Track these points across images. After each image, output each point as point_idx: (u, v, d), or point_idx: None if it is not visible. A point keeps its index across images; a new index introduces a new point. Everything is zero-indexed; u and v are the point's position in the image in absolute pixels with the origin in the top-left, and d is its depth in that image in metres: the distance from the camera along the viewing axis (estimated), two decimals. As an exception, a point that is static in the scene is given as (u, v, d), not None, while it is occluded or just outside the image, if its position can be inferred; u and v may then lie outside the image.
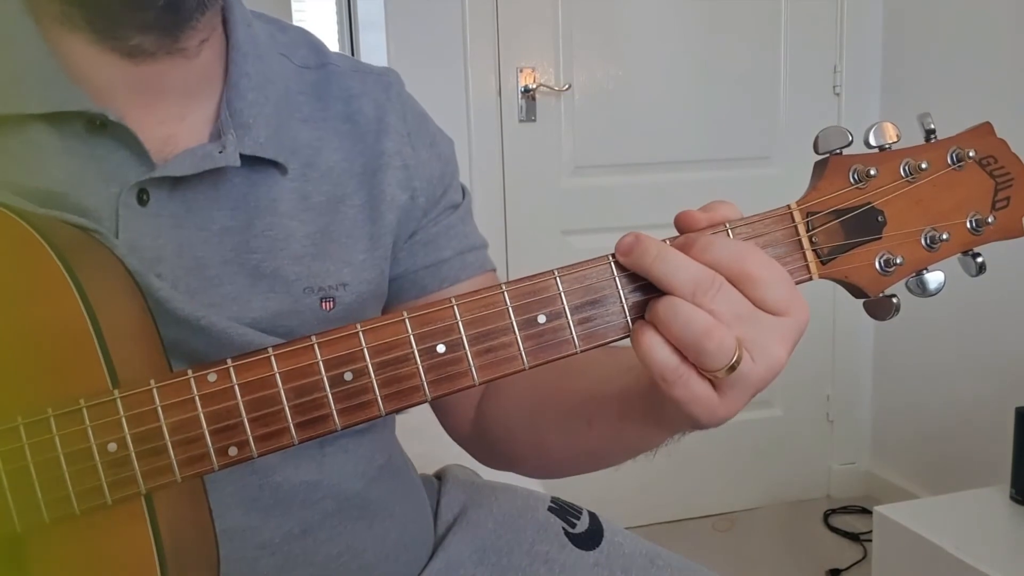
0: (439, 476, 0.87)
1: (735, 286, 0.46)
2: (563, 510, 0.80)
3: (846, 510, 2.41)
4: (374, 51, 2.02)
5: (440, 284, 0.72)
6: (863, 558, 2.15)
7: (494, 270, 0.77)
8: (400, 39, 2.05)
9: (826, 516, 2.38)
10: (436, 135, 0.75)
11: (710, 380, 0.46)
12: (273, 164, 0.63)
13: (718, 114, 2.29)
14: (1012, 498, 1.59)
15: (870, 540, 1.89)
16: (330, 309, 0.66)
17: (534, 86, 2.16)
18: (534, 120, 2.18)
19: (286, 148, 0.64)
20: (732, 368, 0.45)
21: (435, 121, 0.76)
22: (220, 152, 0.59)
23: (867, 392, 2.48)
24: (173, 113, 0.61)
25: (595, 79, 2.22)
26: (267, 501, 0.64)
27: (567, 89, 2.18)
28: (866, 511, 2.32)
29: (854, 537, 2.26)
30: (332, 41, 2.14)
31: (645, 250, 0.47)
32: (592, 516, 0.80)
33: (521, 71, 2.16)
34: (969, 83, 2.03)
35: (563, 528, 0.78)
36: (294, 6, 2.12)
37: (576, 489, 0.89)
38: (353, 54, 2.07)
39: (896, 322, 0.55)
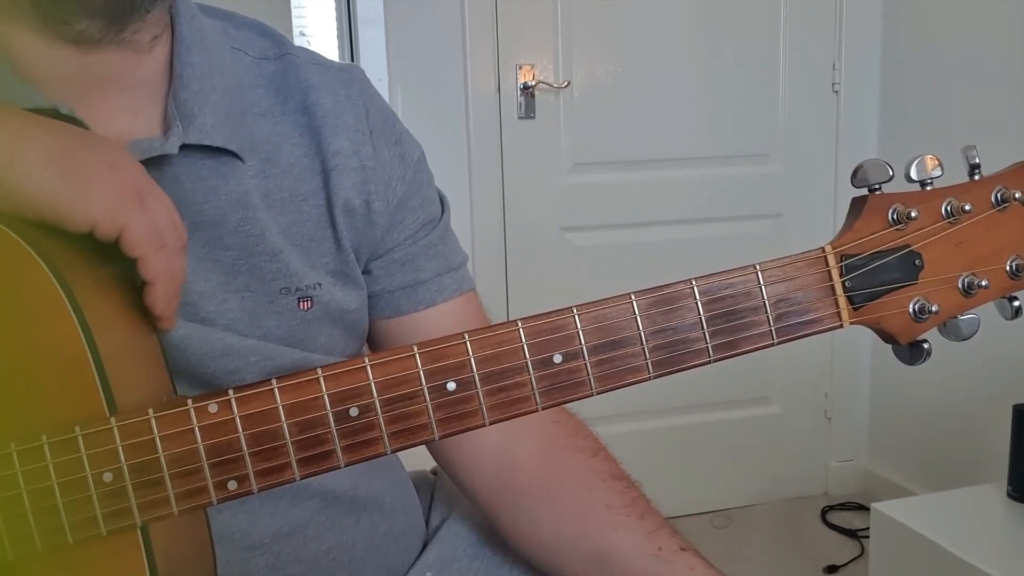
0: (435, 472, 0.87)
1: None
2: None
3: (844, 507, 2.41)
4: (373, 49, 2.01)
5: (416, 306, 0.70)
6: (860, 555, 2.15)
7: (473, 289, 0.75)
8: (399, 37, 2.04)
9: (824, 513, 2.38)
10: (403, 135, 0.72)
11: None
12: (235, 156, 0.61)
13: (717, 111, 2.27)
14: (1009, 495, 1.59)
15: (867, 537, 1.89)
16: (308, 309, 0.64)
17: (533, 83, 2.15)
18: (533, 117, 2.17)
19: (243, 141, 0.62)
20: None
21: (434, 119, 0.74)
22: (162, 144, 0.58)
23: (865, 389, 2.47)
24: (126, 107, 0.59)
25: (594, 76, 2.20)
26: (255, 502, 0.63)
27: (566, 86, 2.17)
28: (864, 508, 2.32)
29: (852, 534, 2.26)
30: (331, 38, 2.12)
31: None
32: None
33: (520, 68, 2.14)
34: (969, 81, 2.02)
35: None
36: (293, 2, 2.11)
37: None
38: (352, 51, 2.06)
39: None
